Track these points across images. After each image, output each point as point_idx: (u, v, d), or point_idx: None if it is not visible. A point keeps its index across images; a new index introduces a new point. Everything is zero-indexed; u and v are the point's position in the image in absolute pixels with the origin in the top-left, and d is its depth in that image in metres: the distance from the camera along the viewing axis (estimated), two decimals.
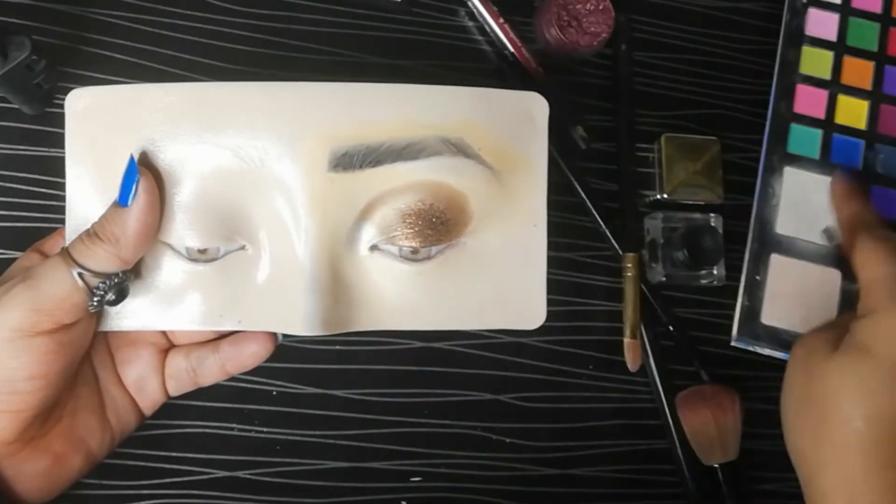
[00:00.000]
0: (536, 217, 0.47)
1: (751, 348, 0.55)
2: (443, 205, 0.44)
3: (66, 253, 0.41)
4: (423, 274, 0.46)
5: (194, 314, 0.45)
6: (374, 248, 0.45)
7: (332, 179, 0.43)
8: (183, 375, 0.47)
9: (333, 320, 0.44)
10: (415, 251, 0.45)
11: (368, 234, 0.44)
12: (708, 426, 0.51)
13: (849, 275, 0.56)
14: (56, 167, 0.50)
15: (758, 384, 0.55)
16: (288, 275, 0.44)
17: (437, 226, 0.44)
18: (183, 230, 0.43)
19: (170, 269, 0.44)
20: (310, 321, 0.43)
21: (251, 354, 0.47)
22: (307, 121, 0.42)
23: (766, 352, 0.55)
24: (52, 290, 0.40)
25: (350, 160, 0.43)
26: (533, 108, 0.46)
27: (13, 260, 0.48)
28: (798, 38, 0.59)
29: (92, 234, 0.41)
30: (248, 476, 0.50)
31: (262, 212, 0.43)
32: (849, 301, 0.55)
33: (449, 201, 0.44)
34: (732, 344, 0.55)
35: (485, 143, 0.45)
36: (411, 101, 0.44)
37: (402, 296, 0.46)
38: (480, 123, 0.44)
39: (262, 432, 0.51)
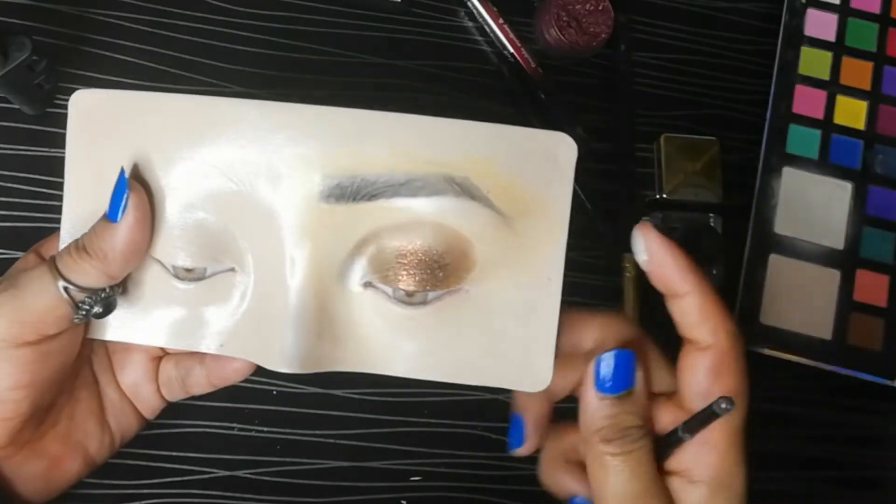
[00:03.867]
0: (551, 269, 0.43)
1: (750, 349, 0.55)
2: (442, 248, 0.41)
3: (52, 265, 0.40)
4: (417, 319, 0.42)
5: (176, 332, 0.43)
6: (368, 284, 0.42)
7: (324, 210, 0.40)
8: (173, 384, 0.46)
9: (314, 358, 0.41)
10: (410, 294, 0.42)
11: (361, 269, 0.42)
12: None
13: (849, 277, 0.56)
14: (56, 167, 0.50)
15: (758, 384, 0.55)
16: (272, 304, 0.41)
17: (435, 270, 0.41)
18: (171, 248, 0.42)
19: (155, 285, 0.43)
20: (287, 358, 0.40)
21: (235, 370, 0.45)
22: (301, 146, 0.40)
23: (766, 352, 0.55)
24: (36, 302, 0.39)
25: (343, 191, 0.40)
26: (557, 150, 0.42)
27: (13, 260, 0.48)
28: (797, 38, 0.59)
29: (80, 247, 0.40)
30: (248, 476, 0.50)
31: (251, 236, 0.41)
32: (847, 301, 0.56)
33: (449, 245, 0.41)
34: None
35: (495, 184, 0.41)
36: (414, 133, 0.40)
37: (392, 340, 0.43)
38: (491, 163, 0.41)
39: (262, 432, 0.51)
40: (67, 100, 0.50)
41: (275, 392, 0.51)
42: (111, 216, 0.40)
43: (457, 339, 0.43)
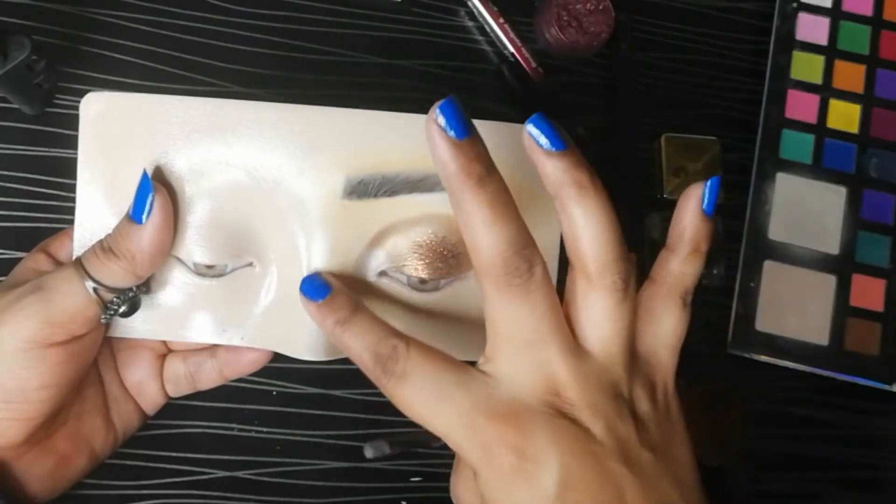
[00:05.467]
0: (549, 253, 0.47)
1: (746, 356, 0.55)
2: (455, 238, 0.44)
3: (79, 266, 0.40)
4: (430, 304, 0.46)
5: (198, 327, 0.45)
6: (382, 273, 0.45)
7: (346, 206, 0.42)
8: (181, 380, 0.47)
9: (334, 346, 0.43)
10: (423, 282, 0.45)
11: (378, 260, 0.44)
12: (707, 427, 0.51)
13: (844, 282, 0.56)
14: (56, 167, 0.50)
15: (758, 384, 0.56)
16: (293, 297, 0.43)
17: (448, 259, 0.44)
18: (192, 245, 0.43)
19: (176, 282, 0.44)
20: (313, 347, 0.43)
21: (250, 361, 0.47)
22: (324, 146, 0.42)
23: (762, 359, 0.55)
24: (67, 303, 0.40)
25: (365, 189, 0.43)
26: None
27: (13, 260, 0.48)
28: (788, 43, 0.59)
29: (106, 249, 0.40)
30: (248, 476, 0.50)
31: (273, 232, 0.43)
32: (843, 306, 0.56)
33: (461, 235, 0.44)
34: (728, 351, 0.55)
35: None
36: None
37: (406, 324, 0.45)
38: (498, 158, 0.43)
39: (262, 432, 0.51)
40: (67, 100, 0.51)
41: (274, 392, 0.51)
42: (136, 217, 0.40)
43: (466, 321, 0.46)
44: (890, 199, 0.57)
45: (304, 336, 0.43)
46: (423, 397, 0.35)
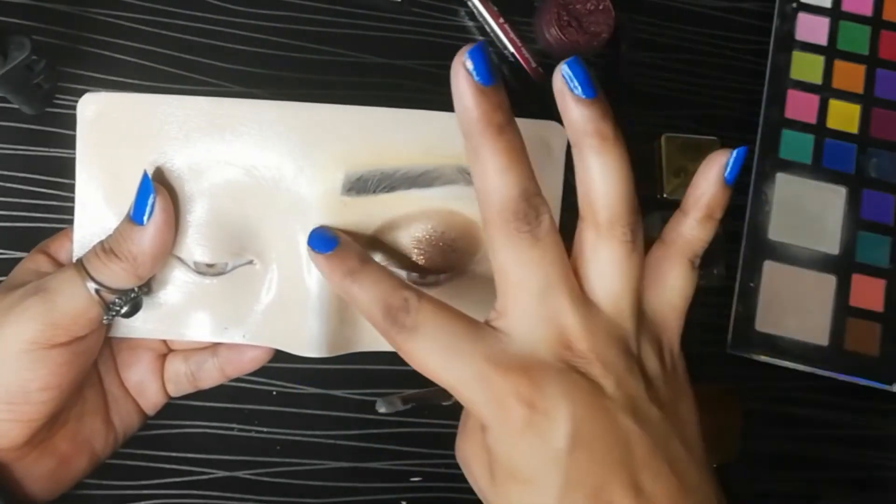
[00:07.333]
0: None
1: (746, 356, 0.55)
2: (454, 233, 0.44)
3: (81, 267, 0.40)
4: None
5: (200, 326, 0.45)
6: None
7: (345, 203, 0.43)
8: (182, 379, 0.47)
9: (337, 342, 0.44)
10: (424, 277, 0.45)
11: (378, 256, 0.44)
12: (707, 427, 0.51)
13: (844, 282, 0.56)
14: (56, 167, 0.50)
15: (757, 384, 0.56)
16: (294, 294, 0.43)
17: (448, 253, 0.44)
18: (192, 244, 0.43)
19: (177, 282, 0.44)
20: (314, 343, 0.43)
21: (251, 359, 0.47)
22: (322, 143, 0.42)
23: (762, 359, 0.55)
24: (69, 305, 0.40)
25: (364, 185, 0.43)
26: (550, 138, 0.46)
27: (13, 260, 0.48)
28: (788, 43, 0.59)
29: (108, 250, 0.40)
30: (248, 476, 0.50)
31: (273, 230, 0.43)
32: (843, 306, 0.56)
33: (461, 230, 0.44)
34: (727, 351, 0.55)
35: None
36: (428, 128, 0.43)
37: None
38: None
39: (262, 432, 0.51)
40: (67, 100, 0.51)
41: (274, 392, 0.51)
42: (136, 219, 0.40)
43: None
44: (890, 199, 0.57)
45: (306, 333, 0.43)
46: (435, 350, 0.35)
